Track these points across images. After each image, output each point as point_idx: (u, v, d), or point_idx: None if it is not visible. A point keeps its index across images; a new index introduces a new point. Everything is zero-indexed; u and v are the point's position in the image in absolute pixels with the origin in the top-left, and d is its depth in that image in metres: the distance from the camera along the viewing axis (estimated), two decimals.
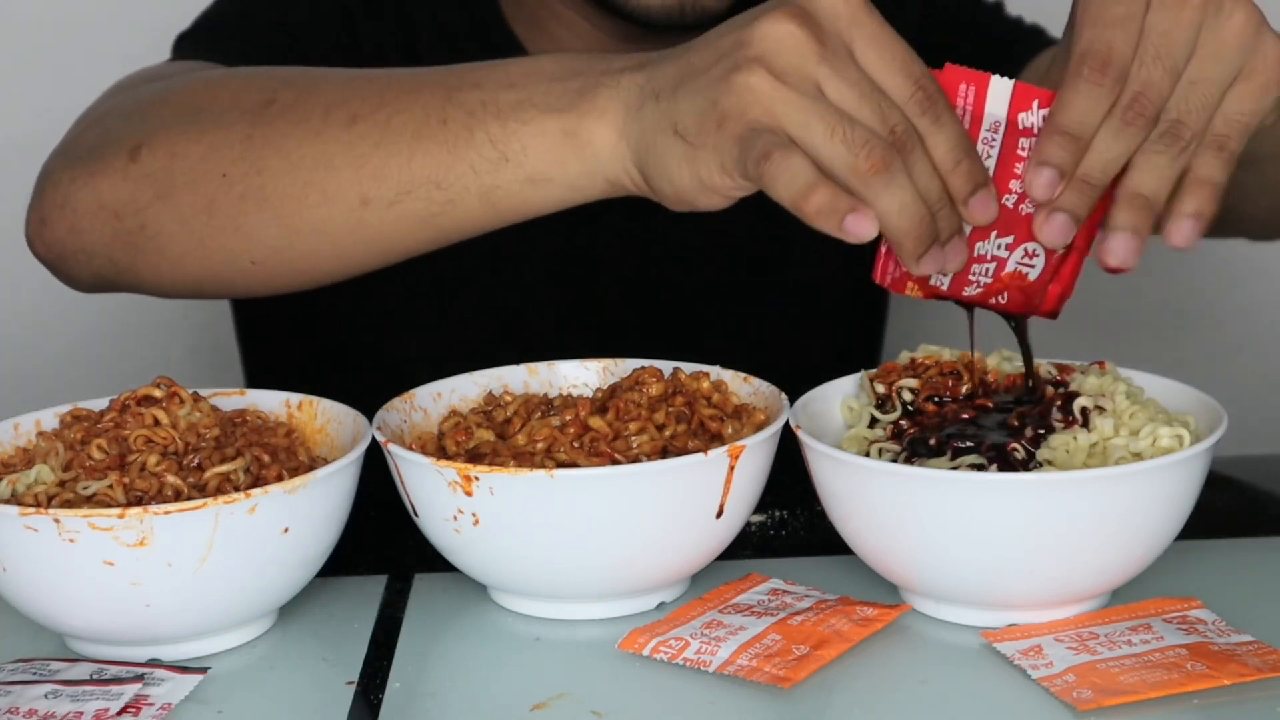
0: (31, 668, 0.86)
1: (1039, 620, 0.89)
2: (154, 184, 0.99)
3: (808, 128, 0.82)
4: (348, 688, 0.86)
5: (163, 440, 0.90)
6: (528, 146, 0.91)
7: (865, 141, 0.82)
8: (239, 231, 0.98)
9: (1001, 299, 0.91)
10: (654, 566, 0.90)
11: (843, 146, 0.82)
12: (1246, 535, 1.01)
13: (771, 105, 0.83)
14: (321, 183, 0.96)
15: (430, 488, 0.89)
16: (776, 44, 0.83)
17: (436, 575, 0.97)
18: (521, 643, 0.90)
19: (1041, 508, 0.84)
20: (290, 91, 0.99)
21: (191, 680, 0.85)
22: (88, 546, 0.83)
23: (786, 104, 0.83)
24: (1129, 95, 0.85)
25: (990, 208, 0.86)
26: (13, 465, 0.92)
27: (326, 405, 0.97)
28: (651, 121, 0.87)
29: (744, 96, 0.83)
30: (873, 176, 0.82)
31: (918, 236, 0.84)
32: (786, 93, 0.83)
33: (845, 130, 0.82)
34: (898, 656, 0.88)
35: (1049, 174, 0.85)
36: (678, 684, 0.85)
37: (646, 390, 0.94)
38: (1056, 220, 0.86)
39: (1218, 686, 0.82)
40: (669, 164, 0.87)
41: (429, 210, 0.94)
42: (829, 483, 0.90)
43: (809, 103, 0.82)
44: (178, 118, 1.01)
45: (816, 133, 0.82)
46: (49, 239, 1.05)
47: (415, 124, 0.94)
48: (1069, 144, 0.85)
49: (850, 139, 0.82)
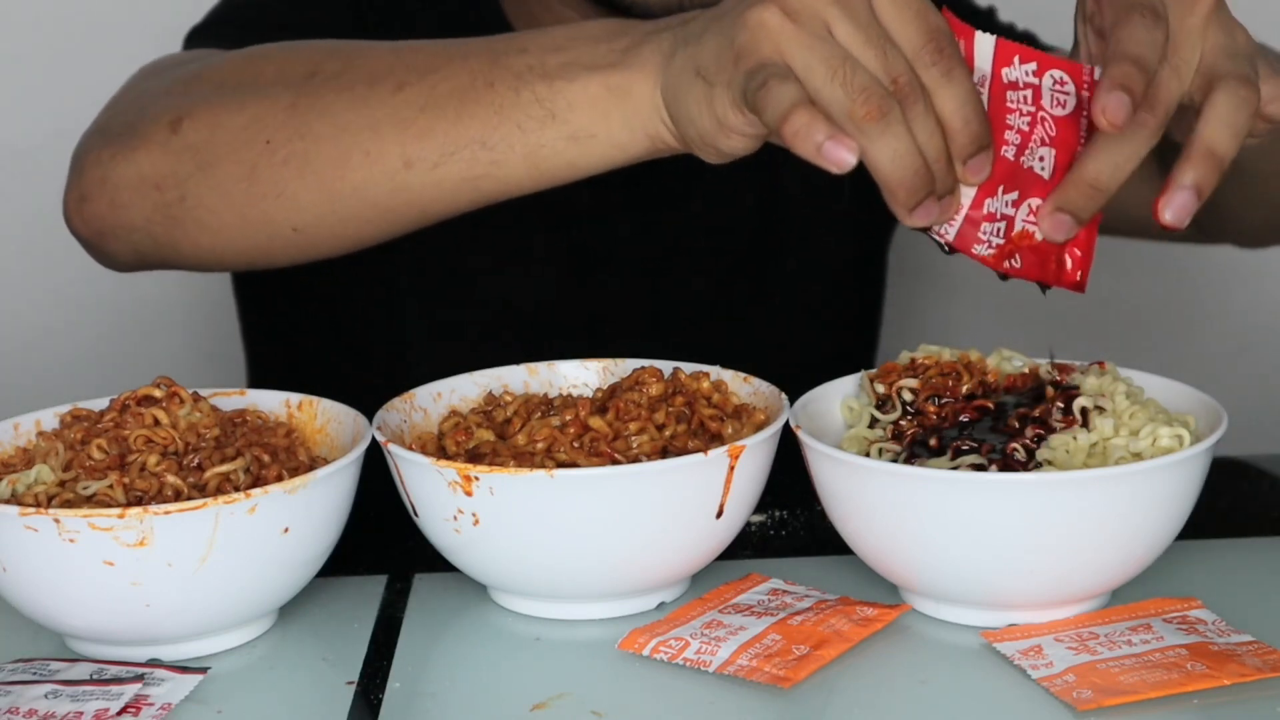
0: (31, 668, 0.86)
1: (1039, 620, 0.89)
2: (195, 155, 1.00)
3: (810, 68, 0.83)
4: (348, 688, 0.86)
5: (163, 440, 0.90)
6: (573, 103, 0.92)
7: (864, 88, 0.82)
8: (281, 198, 0.98)
9: (1015, 262, 0.90)
10: (654, 566, 0.90)
11: (841, 90, 0.82)
12: (1246, 535, 1.01)
13: (780, 41, 0.84)
14: (365, 145, 0.96)
15: (430, 488, 0.89)
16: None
17: (436, 575, 0.97)
18: (521, 643, 0.90)
19: (1041, 508, 0.84)
20: (335, 62, 1.00)
21: (191, 680, 0.85)
22: (88, 546, 0.83)
23: (793, 41, 0.83)
24: (1150, 94, 0.85)
25: (985, 170, 0.86)
26: (13, 465, 0.92)
27: (326, 405, 0.97)
28: (679, 67, 0.88)
29: (756, 32, 0.84)
30: (868, 123, 0.82)
31: (910, 187, 0.84)
32: (795, 30, 0.83)
33: (846, 73, 0.82)
34: (898, 656, 0.88)
35: (1121, 98, 0.84)
36: (678, 684, 0.85)
37: (646, 390, 0.94)
38: (1060, 219, 0.87)
39: (1218, 686, 0.82)
40: (691, 105, 0.88)
41: (472, 172, 0.95)
42: (829, 483, 0.90)
43: (815, 42, 0.83)
44: (219, 91, 1.02)
45: (818, 74, 0.83)
46: (88, 216, 1.05)
47: (462, 88, 0.95)
48: (1138, 73, 0.84)
49: (849, 83, 0.82)
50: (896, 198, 0.84)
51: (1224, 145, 0.86)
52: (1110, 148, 0.85)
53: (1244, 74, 0.87)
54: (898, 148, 0.82)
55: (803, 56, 0.83)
